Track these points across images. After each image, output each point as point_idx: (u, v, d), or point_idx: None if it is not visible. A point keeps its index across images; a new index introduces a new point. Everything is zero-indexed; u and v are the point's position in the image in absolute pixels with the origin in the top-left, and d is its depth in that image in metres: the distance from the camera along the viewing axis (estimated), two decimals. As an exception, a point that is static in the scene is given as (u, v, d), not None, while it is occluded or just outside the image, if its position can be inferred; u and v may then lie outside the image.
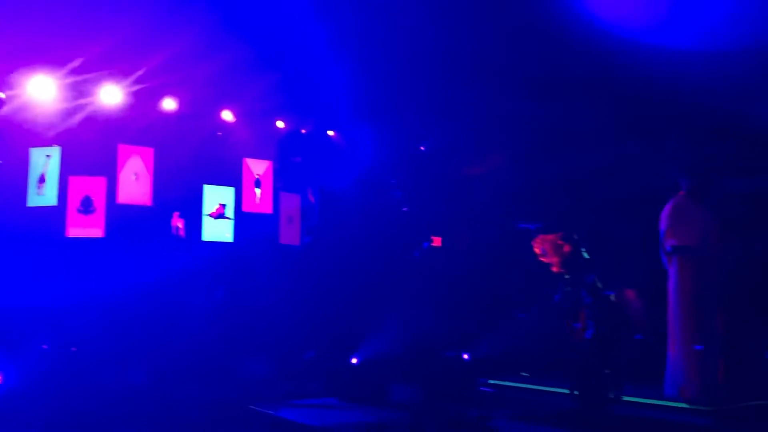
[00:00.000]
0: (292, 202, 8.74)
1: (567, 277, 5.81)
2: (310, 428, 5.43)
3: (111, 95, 7.60)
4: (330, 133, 9.37)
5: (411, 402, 6.28)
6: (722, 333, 6.37)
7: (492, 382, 7.70)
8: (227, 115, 8.47)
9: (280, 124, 8.93)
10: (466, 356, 9.17)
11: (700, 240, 6.42)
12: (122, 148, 7.65)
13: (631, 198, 8.93)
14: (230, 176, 8.34)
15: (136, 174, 7.68)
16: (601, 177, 9.21)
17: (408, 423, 4.69)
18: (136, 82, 7.53)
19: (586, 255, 6.04)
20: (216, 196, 8.20)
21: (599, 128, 8.12)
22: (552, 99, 7.72)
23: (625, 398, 5.64)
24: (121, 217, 7.57)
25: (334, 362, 8.60)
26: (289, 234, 8.64)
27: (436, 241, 9.73)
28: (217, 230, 8.12)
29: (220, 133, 8.40)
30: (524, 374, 8.10)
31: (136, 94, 7.68)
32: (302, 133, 9.10)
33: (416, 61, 7.34)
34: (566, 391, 5.51)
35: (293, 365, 8.30)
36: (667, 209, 6.62)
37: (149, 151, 7.72)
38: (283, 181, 8.79)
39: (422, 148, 9.73)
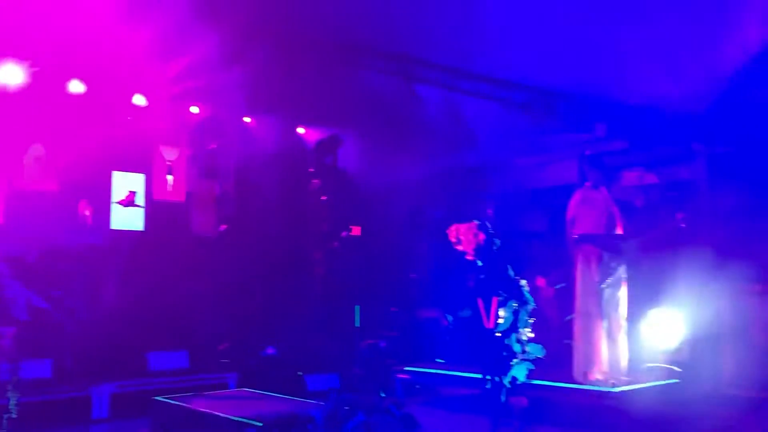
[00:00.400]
0: (206, 190, 8.49)
1: (480, 264, 5.78)
2: (223, 419, 5.31)
3: (12, 76, 7.15)
4: (247, 119, 9.19)
5: (327, 391, 6.24)
6: (621, 317, 6.67)
7: (408, 369, 7.73)
8: (139, 100, 8.15)
9: (194, 109, 8.67)
10: (382, 345, 9.21)
11: (604, 229, 6.66)
12: (24, 132, 7.22)
13: (539, 189, 9.32)
14: (141, 163, 8.04)
15: (39, 159, 7.28)
16: (511, 169, 9.66)
17: (322, 411, 4.64)
18: (40, 62, 7.12)
19: (498, 243, 6.06)
20: (126, 183, 7.88)
21: (507, 122, 8.38)
22: (463, 92, 7.79)
23: (536, 382, 5.78)
24: (22, 203, 7.18)
25: (249, 353, 8.48)
26: (203, 223, 8.40)
27: (356, 231, 9.71)
28: (127, 218, 7.80)
29: (130, 118, 8.06)
30: (440, 361, 8.18)
31: (40, 75, 7.25)
32: (218, 120, 8.85)
33: (334, 48, 7.29)
34: (479, 376, 5.60)
35: (207, 357, 8.07)
36: (573, 201, 6.85)
37: (55, 135, 7.32)
38: (197, 168, 8.54)
39: (341, 137, 9.69)
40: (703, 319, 7.39)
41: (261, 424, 4.76)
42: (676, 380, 6.81)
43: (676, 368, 7.02)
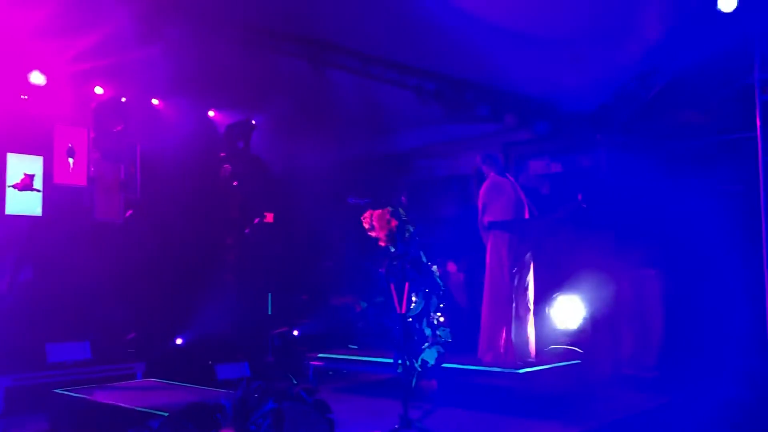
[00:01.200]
0: (110, 174, 8.13)
1: (393, 251, 5.75)
2: (126, 411, 5.12)
3: None
4: (155, 102, 8.84)
5: (237, 380, 6.13)
6: (529, 300, 6.87)
7: (321, 355, 7.71)
8: (37, 78, 7.65)
9: (98, 90, 8.25)
10: (296, 333, 9.15)
11: (512, 215, 6.83)
12: None
13: (452, 177, 9.52)
14: (39, 145, 7.60)
15: None
16: (425, 157, 9.83)
17: (231, 400, 4.52)
18: None
19: (411, 230, 6.04)
20: (22, 166, 7.43)
21: (419, 110, 8.38)
22: (375, 78, 7.81)
23: (445, 365, 5.87)
24: None
25: (158, 343, 8.23)
26: (107, 208, 8.04)
27: (269, 217, 9.56)
28: (24, 203, 7.36)
29: (25, 97, 7.58)
30: (353, 347, 8.20)
31: None
32: (123, 101, 8.47)
33: (247, 30, 7.12)
34: (391, 360, 5.65)
35: (111, 347, 7.77)
36: (483, 188, 6.99)
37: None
38: (101, 151, 8.15)
39: (253, 122, 9.49)
40: (602, 302, 7.72)
41: (166, 414, 4.60)
42: (578, 361, 7.05)
43: (577, 350, 7.27)
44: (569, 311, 7.99)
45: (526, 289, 6.87)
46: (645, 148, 8.27)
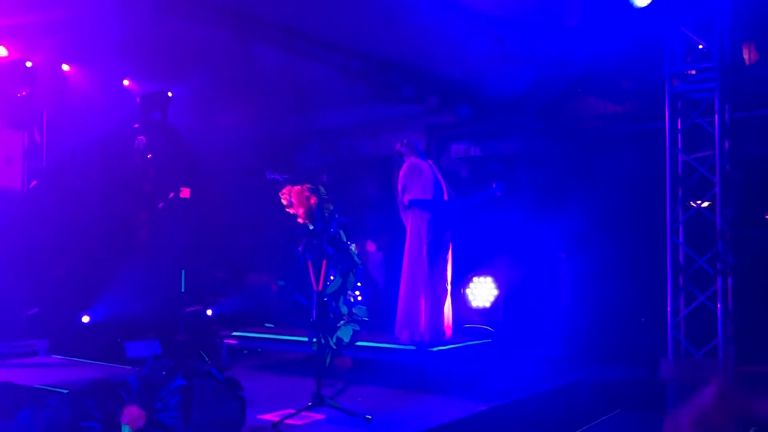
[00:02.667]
0: (12, 141, 7.65)
1: (311, 228, 5.69)
2: (23, 388, 4.84)
3: None
4: (65, 67, 8.39)
5: (146, 358, 5.92)
6: (446, 280, 6.95)
7: (236, 334, 7.56)
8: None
9: (2, 51, 7.74)
10: (209, 311, 8.95)
11: (431, 196, 6.87)
12: None
13: (374, 157, 9.52)
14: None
15: None
16: (349, 137, 9.74)
17: (137, 377, 4.36)
18: None
19: (331, 208, 5.97)
20: None
21: (344, 89, 8.36)
22: (300, 54, 7.73)
23: (360, 343, 5.85)
24: None
25: (64, 319, 7.89)
26: (8, 177, 7.57)
27: (184, 192, 9.27)
28: None
29: None
30: (269, 325, 8.08)
31: None
32: (29, 66, 7.99)
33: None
34: (306, 339, 5.61)
35: (11, 323, 7.40)
36: (403, 170, 6.99)
37: None
38: (4, 116, 7.68)
39: (170, 93, 9.16)
40: (514, 282, 7.89)
41: (66, 391, 4.38)
42: (489, 340, 7.22)
43: (489, 329, 7.45)
44: (484, 292, 8.12)
45: (444, 269, 6.94)
46: (560, 135, 8.45)
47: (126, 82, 9.07)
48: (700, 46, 5.95)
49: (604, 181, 8.17)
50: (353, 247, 5.91)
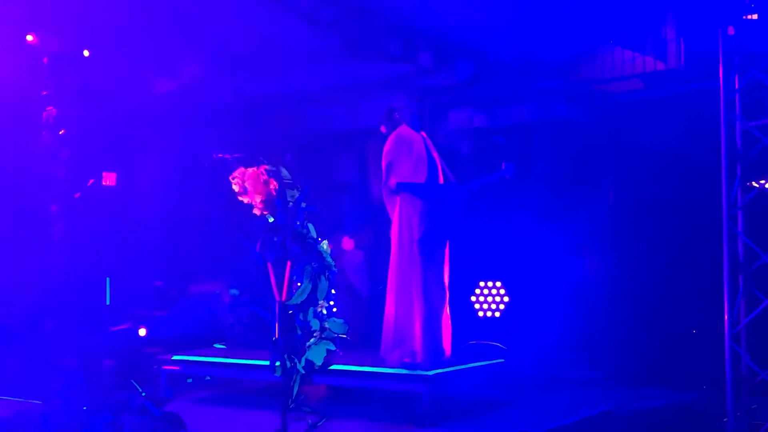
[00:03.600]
0: None
1: (272, 221, 5.72)
2: None
3: None
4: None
5: (61, 388, 5.90)
6: (444, 285, 6.96)
7: (178, 358, 7.58)
8: None
9: None
10: (143, 330, 8.91)
11: (424, 179, 6.91)
12: None
13: (350, 131, 9.60)
14: None
15: None
16: (319, 105, 9.77)
17: (50, 415, 4.35)
18: None
19: (296, 195, 5.97)
20: None
21: (313, 45, 8.38)
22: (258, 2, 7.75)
23: (337, 366, 5.87)
24: None
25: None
26: None
27: (108, 179, 9.22)
28: None
29: None
30: (220, 346, 8.11)
31: None
32: None
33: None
34: (266, 363, 5.57)
35: None
36: (389, 143, 6.98)
37: None
38: None
39: (86, 52, 9.04)
40: (530, 288, 7.94)
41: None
42: (501, 360, 7.25)
43: (501, 346, 7.48)
44: (492, 300, 8.15)
45: (441, 271, 6.97)
46: (586, 99, 8.63)
47: (30, 38, 8.94)
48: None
49: (640, 158, 8.27)
50: (325, 244, 5.90)
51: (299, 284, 5.82)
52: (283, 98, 9.79)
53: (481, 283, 8.40)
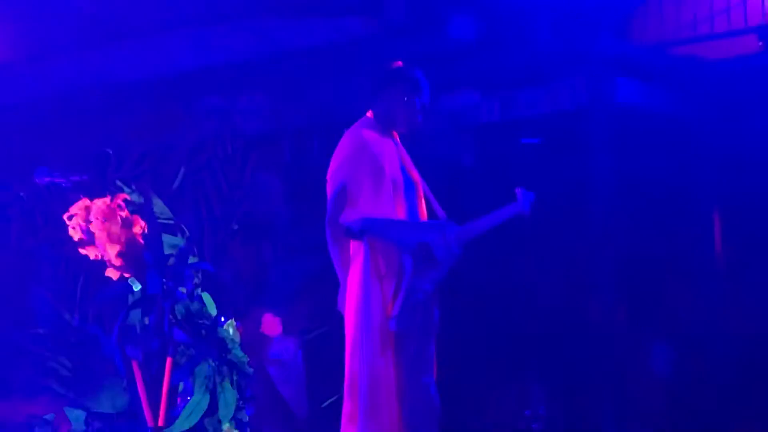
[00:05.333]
0: None
1: (136, 287, 5.90)
2: None
3: None
4: None
5: None
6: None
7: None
8: None
9: None
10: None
11: (404, 210, 6.67)
12: None
13: (278, 131, 9.76)
14: None
15: None
16: (220, 92, 10.07)
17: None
18: None
19: (181, 241, 6.23)
20: None
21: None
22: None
23: None
24: None
25: None
26: None
27: None
28: None
29: None
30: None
31: None
32: None
33: None
34: None
35: None
36: (340, 154, 6.65)
37: None
38: None
39: None
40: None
41: None
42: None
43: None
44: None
45: (431, 366, 6.67)
46: (657, 73, 8.86)
47: None
48: None
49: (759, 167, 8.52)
50: (231, 327, 6.11)
51: (189, 398, 6.09)
52: (164, 82, 9.94)
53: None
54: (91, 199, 6.00)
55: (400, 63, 6.74)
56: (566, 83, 9.06)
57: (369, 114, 6.83)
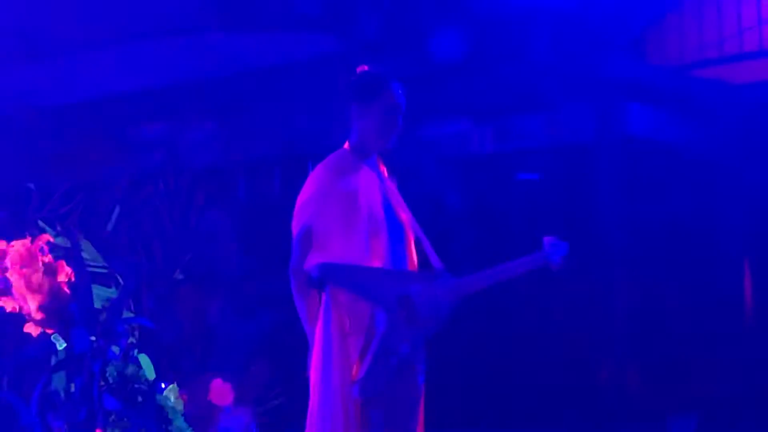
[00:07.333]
0: None
1: (61, 345, 5.90)
2: None
3: None
4: None
5: None
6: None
7: None
8: None
9: None
10: None
11: (386, 258, 6.52)
12: None
13: (235, 164, 9.90)
14: None
15: None
16: (162, 118, 10.20)
17: None
18: None
19: (113, 293, 6.27)
20: None
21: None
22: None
23: None
24: None
25: None
26: None
27: None
28: None
29: None
30: None
31: None
32: None
33: None
34: None
35: None
36: (311, 185, 6.56)
37: None
38: None
39: None
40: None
41: None
42: None
43: None
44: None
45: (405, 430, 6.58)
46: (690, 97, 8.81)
47: None
48: None
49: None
50: (173, 394, 6.19)
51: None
52: (95, 105, 10.06)
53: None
54: (8, 242, 6.00)
55: (365, 67, 6.81)
56: (570, 110, 9.06)
57: (345, 145, 6.84)
